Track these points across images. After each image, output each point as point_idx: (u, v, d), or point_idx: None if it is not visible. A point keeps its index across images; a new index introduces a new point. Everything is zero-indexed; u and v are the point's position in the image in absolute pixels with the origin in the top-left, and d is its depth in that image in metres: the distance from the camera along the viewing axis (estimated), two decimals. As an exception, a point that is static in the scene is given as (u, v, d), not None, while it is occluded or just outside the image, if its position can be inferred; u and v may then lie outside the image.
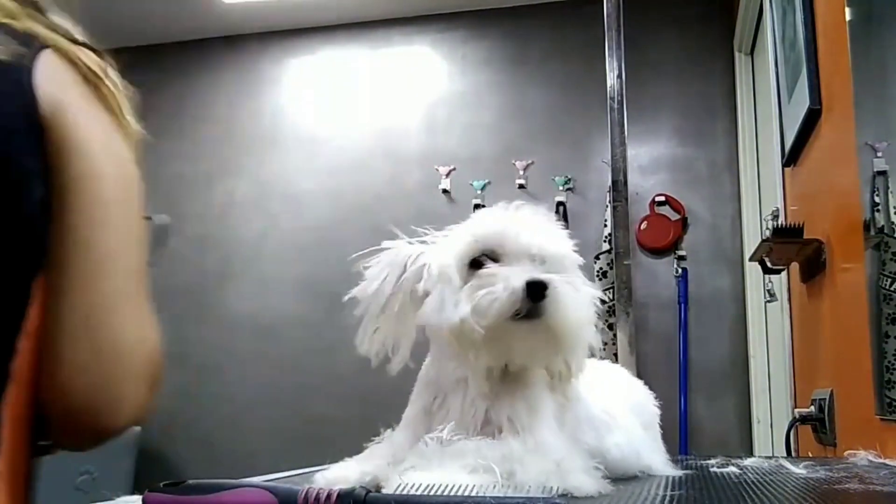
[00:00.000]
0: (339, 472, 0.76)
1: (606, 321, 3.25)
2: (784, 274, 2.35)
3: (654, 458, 0.95)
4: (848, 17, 1.61)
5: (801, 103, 1.94)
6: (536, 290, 0.73)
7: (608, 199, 3.09)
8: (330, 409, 3.53)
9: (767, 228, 2.06)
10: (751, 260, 2.27)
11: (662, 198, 3.38)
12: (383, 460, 0.77)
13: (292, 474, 0.93)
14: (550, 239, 0.80)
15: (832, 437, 1.76)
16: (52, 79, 0.59)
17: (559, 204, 3.44)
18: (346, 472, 0.75)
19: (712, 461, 1.08)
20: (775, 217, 2.25)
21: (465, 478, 0.65)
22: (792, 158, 2.18)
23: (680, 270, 3.31)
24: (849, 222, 1.63)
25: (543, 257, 0.78)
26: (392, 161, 3.74)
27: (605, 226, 3.28)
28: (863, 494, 0.79)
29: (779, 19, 2.29)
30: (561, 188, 3.48)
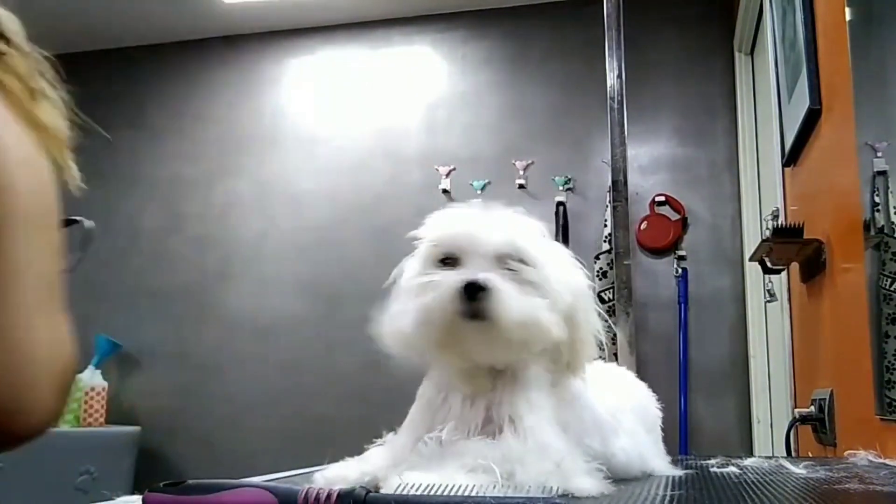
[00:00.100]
0: (338, 472, 0.76)
1: (606, 321, 3.25)
2: (784, 274, 2.35)
3: (658, 462, 0.95)
4: (848, 17, 1.61)
5: (801, 103, 1.94)
6: (472, 292, 0.73)
7: (608, 199, 3.09)
8: (330, 409, 3.53)
9: (767, 228, 2.06)
10: (751, 260, 2.27)
11: (662, 198, 3.38)
12: (383, 460, 0.77)
13: (292, 474, 0.93)
14: (510, 235, 0.78)
15: (832, 437, 1.76)
16: None
17: (559, 204, 3.44)
18: (346, 472, 0.75)
19: (712, 461, 1.08)
20: (775, 217, 2.26)
21: (464, 478, 0.65)
22: (792, 158, 2.18)
23: (680, 270, 3.31)
24: (849, 222, 1.63)
25: (505, 254, 0.77)
26: (392, 161, 3.74)
27: (605, 226, 3.28)
28: (863, 494, 0.79)
29: (779, 19, 2.29)
30: (561, 188, 3.48)
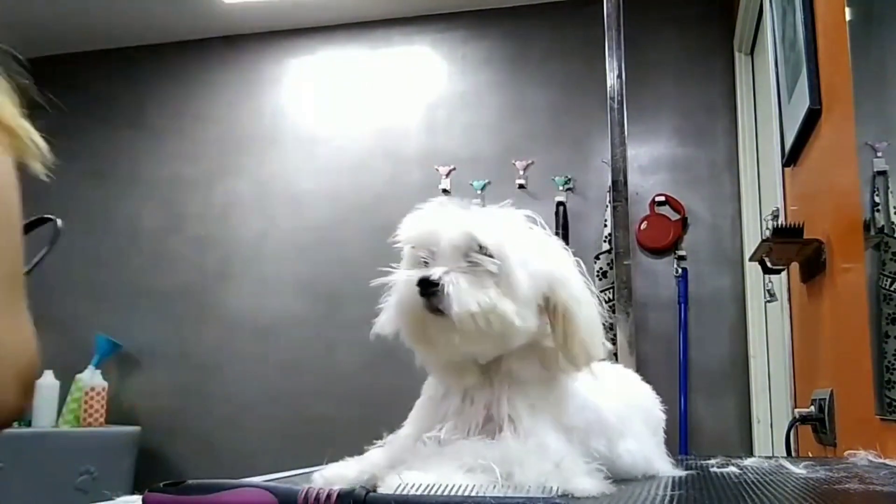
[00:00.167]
0: (336, 471, 0.76)
1: (606, 321, 3.24)
2: (784, 274, 2.34)
3: (662, 464, 0.94)
4: (848, 17, 1.61)
5: (801, 103, 1.94)
6: (425, 287, 0.75)
7: (608, 199, 3.09)
8: (330, 409, 3.53)
9: (767, 228, 2.06)
10: (751, 260, 2.27)
11: (662, 198, 3.38)
12: (381, 460, 0.77)
13: (292, 474, 0.93)
14: (468, 229, 0.78)
15: (832, 437, 1.76)
16: None
17: (559, 204, 3.44)
18: (344, 471, 0.75)
19: (712, 461, 1.08)
20: (775, 217, 2.25)
21: (462, 478, 0.65)
22: (792, 158, 2.18)
23: (680, 270, 3.31)
24: (849, 222, 1.63)
25: (465, 248, 0.77)
26: (392, 161, 3.74)
27: (605, 226, 3.28)
28: (863, 494, 0.79)
29: (779, 19, 2.29)
30: (561, 188, 3.48)
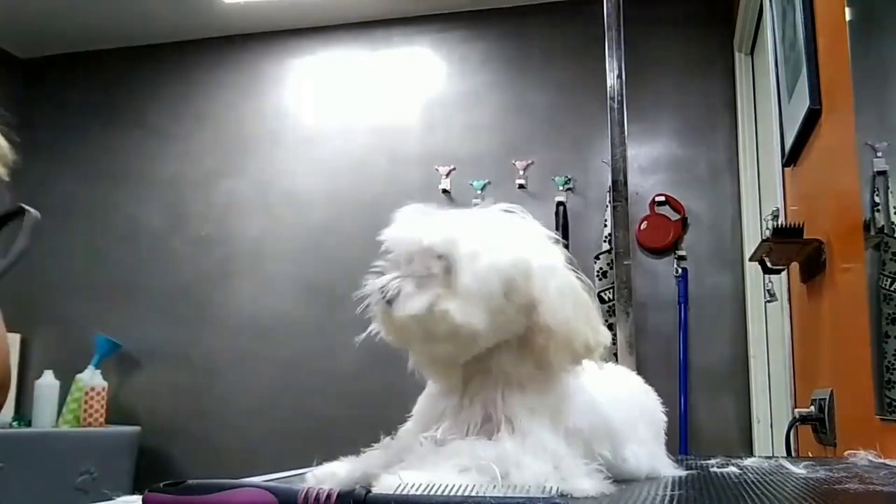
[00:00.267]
0: (327, 470, 0.76)
1: (606, 321, 3.26)
2: (784, 274, 2.34)
3: (665, 469, 0.94)
4: (848, 17, 1.61)
5: (801, 103, 1.94)
6: (384, 293, 0.77)
7: (608, 199, 3.09)
8: (330, 409, 3.53)
9: (767, 228, 2.06)
10: (751, 260, 2.27)
11: (662, 198, 3.38)
12: (376, 459, 0.77)
13: (292, 474, 0.92)
14: (418, 235, 0.78)
15: (832, 437, 1.76)
16: None
17: (559, 204, 3.44)
18: (335, 470, 0.75)
19: (712, 461, 1.08)
20: (775, 217, 2.26)
21: (457, 478, 0.64)
22: (792, 158, 2.18)
23: (680, 270, 3.31)
24: (849, 222, 1.63)
25: (422, 253, 0.78)
26: (392, 161, 3.74)
27: (605, 226, 3.28)
28: (863, 494, 0.79)
29: (779, 19, 2.29)
30: (561, 188, 3.48)
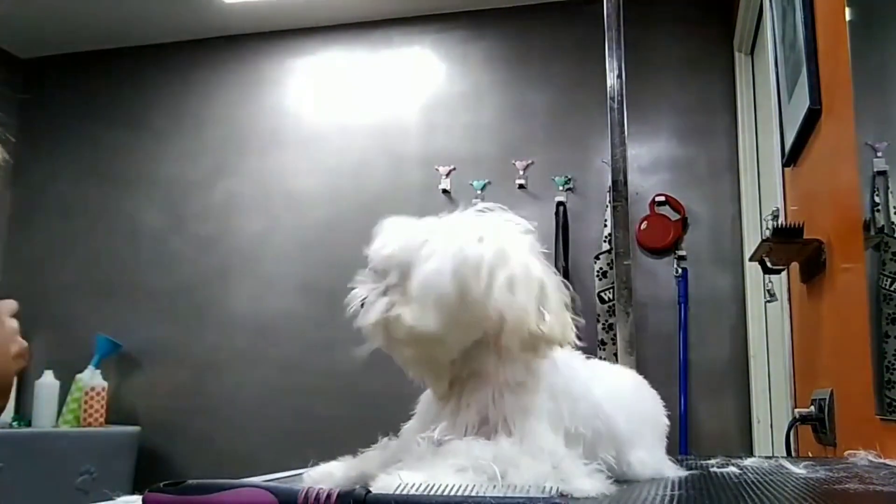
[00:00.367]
0: (324, 470, 0.76)
1: (606, 321, 3.26)
2: (784, 274, 2.34)
3: (669, 471, 0.94)
4: (848, 17, 1.61)
5: (801, 103, 1.94)
6: (361, 304, 0.80)
7: (608, 199, 3.09)
8: (330, 409, 3.53)
9: (767, 228, 2.06)
10: (751, 260, 2.27)
11: (662, 198, 3.38)
12: (372, 459, 0.77)
13: (292, 474, 0.92)
14: (379, 248, 0.81)
15: (832, 437, 1.76)
16: None
17: (559, 204, 3.44)
18: (332, 470, 0.76)
19: (712, 461, 1.08)
20: (775, 217, 2.25)
21: (454, 478, 0.64)
22: (792, 158, 2.18)
23: (680, 270, 3.31)
24: (849, 222, 1.63)
25: (388, 263, 0.81)
26: (392, 161, 3.74)
27: (605, 226, 3.28)
28: (863, 494, 0.79)
29: (779, 19, 2.29)
30: (561, 188, 3.48)
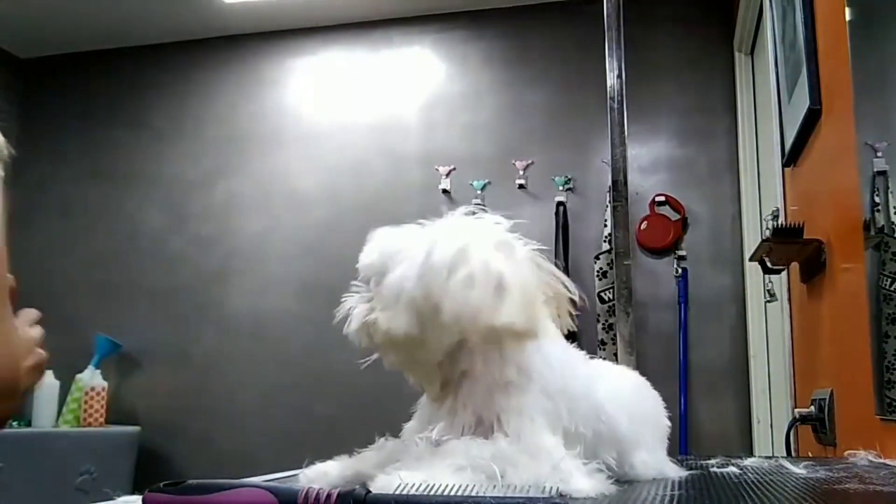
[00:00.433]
0: (319, 470, 0.76)
1: (606, 321, 3.26)
2: (784, 274, 2.34)
3: (670, 472, 0.94)
4: (848, 17, 1.61)
5: (801, 103, 1.94)
6: (349, 313, 0.83)
7: (608, 199, 3.09)
8: (330, 409, 3.53)
9: (767, 228, 2.06)
10: (751, 260, 2.27)
11: (662, 198, 3.38)
12: (368, 460, 0.77)
13: (292, 474, 0.92)
14: (361, 258, 0.84)
15: (832, 437, 1.76)
16: None
17: (559, 204, 3.44)
18: (327, 469, 0.76)
19: (712, 461, 1.07)
20: (775, 217, 2.26)
21: (451, 477, 0.64)
22: (792, 158, 2.18)
23: (680, 270, 3.31)
24: (849, 222, 1.63)
25: (369, 272, 0.83)
26: (392, 161, 3.74)
27: (605, 226, 3.28)
28: (863, 494, 0.79)
29: (779, 19, 2.29)
30: (561, 188, 3.48)
